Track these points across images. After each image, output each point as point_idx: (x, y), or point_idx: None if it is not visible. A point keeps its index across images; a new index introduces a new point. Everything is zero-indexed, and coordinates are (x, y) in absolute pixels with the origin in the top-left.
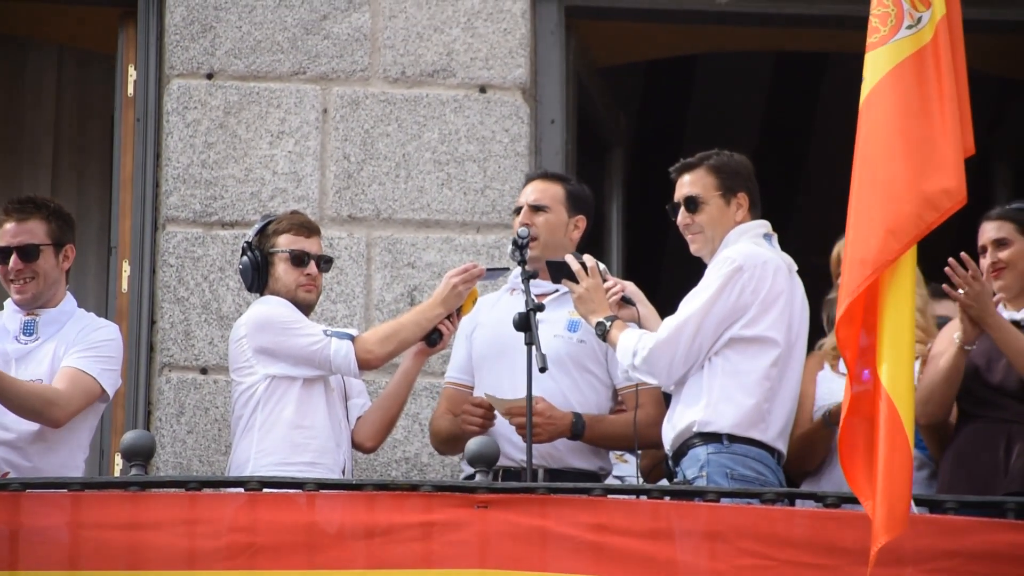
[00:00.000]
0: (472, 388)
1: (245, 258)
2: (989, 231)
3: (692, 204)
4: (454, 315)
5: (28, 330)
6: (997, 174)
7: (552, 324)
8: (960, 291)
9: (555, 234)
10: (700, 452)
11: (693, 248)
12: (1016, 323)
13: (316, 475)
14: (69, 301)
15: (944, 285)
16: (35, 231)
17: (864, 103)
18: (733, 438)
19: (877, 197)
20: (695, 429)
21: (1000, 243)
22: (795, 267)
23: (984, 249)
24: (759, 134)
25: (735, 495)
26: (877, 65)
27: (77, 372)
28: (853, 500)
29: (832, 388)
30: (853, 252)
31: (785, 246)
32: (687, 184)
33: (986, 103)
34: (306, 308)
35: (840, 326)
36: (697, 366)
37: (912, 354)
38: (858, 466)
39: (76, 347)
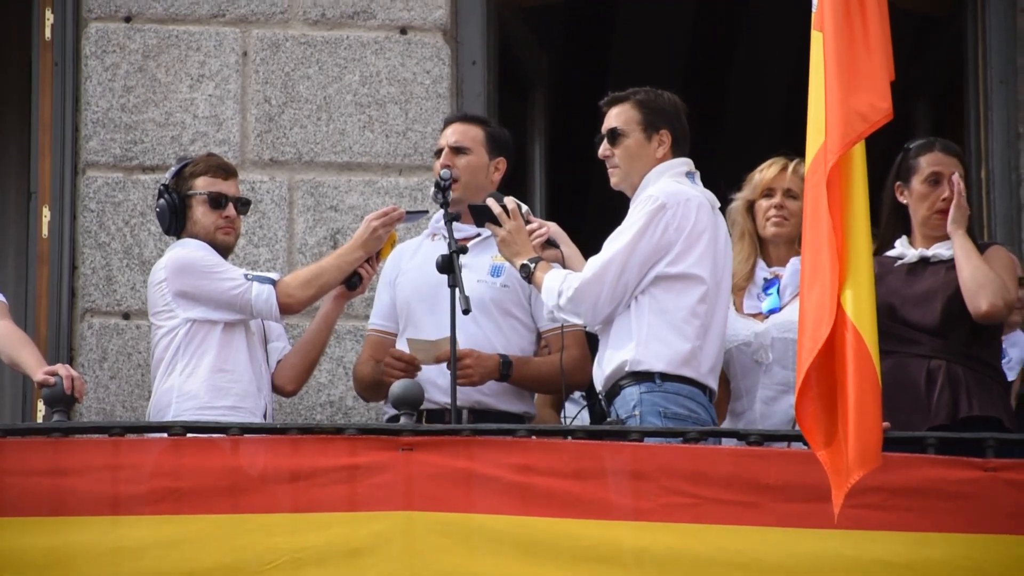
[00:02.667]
0: (395, 334)
1: (162, 201)
2: (944, 163)
3: (613, 136)
4: (374, 258)
5: None
6: (916, 111)
7: (475, 269)
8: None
9: (476, 176)
10: (633, 392)
11: (612, 181)
12: (926, 259)
13: (238, 419)
14: None
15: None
16: None
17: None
18: (665, 376)
19: (819, 115)
20: (627, 369)
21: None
22: (717, 204)
23: (939, 176)
24: (681, 73)
25: (659, 434)
26: None
27: None
28: (775, 438)
29: (738, 328)
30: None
31: (707, 184)
32: (612, 117)
33: (904, 40)
34: (224, 251)
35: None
36: (623, 305)
37: (872, 282)
38: (813, 413)
39: None
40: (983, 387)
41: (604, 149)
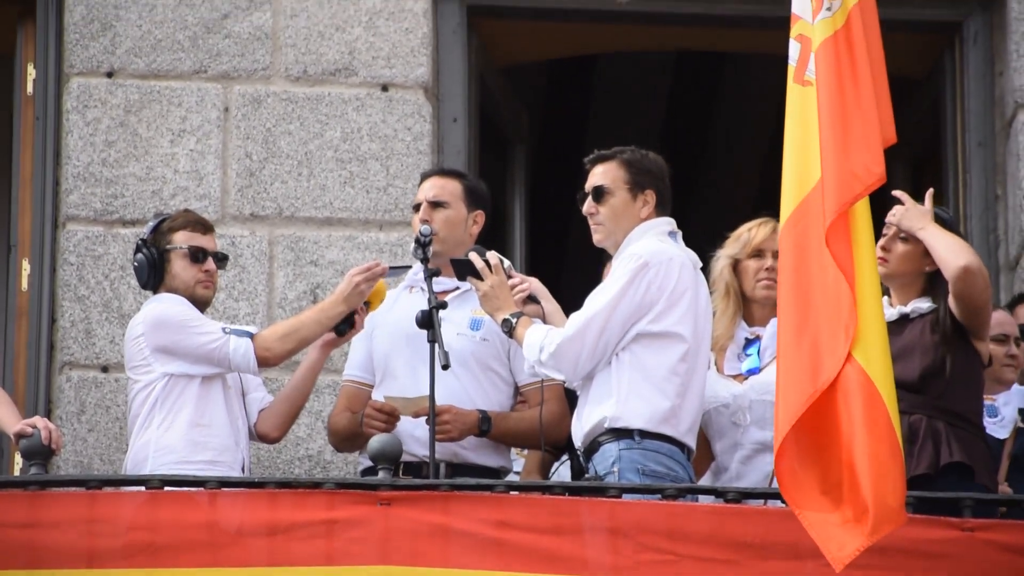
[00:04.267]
0: (371, 386)
1: (140, 255)
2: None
3: (598, 194)
4: (362, 309)
5: None
6: (896, 173)
7: (455, 322)
8: (894, 216)
9: (455, 230)
10: (611, 448)
11: (596, 238)
12: (906, 316)
13: (216, 473)
14: None
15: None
16: None
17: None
18: (644, 434)
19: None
20: (606, 425)
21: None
22: (699, 264)
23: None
24: (659, 133)
25: (636, 491)
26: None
27: None
28: (753, 496)
29: (717, 390)
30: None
31: (686, 243)
32: (598, 174)
33: None
34: (203, 304)
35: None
36: (604, 362)
37: (885, 336)
38: (793, 470)
39: None
40: (962, 441)
41: (589, 206)
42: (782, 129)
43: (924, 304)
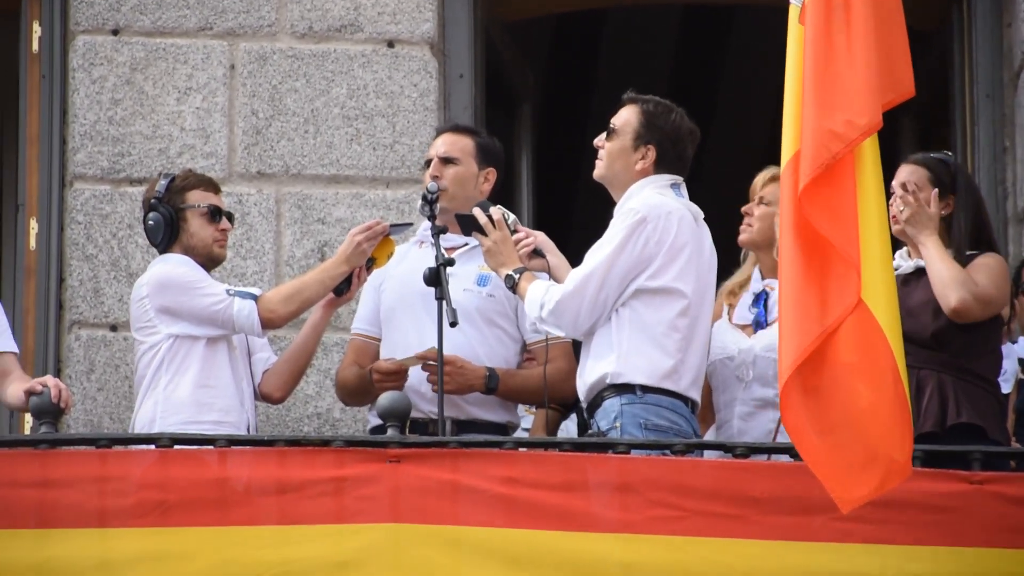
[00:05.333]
0: (379, 340)
1: (156, 214)
2: (902, 174)
3: (609, 131)
4: (362, 268)
5: None
6: (902, 125)
7: (461, 278)
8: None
9: (464, 187)
10: (614, 403)
11: (595, 171)
12: (922, 269)
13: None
14: None
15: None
16: None
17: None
18: (646, 388)
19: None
20: (608, 381)
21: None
22: (701, 215)
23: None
24: (667, 88)
25: (645, 446)
26: None
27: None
28: (761, 450)
29: (726, 339)
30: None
31: (693, 198)
32: (620, 113)
33: None
34: (216, 264)
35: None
36: (604, 318)
37: (893, 283)
38: (802, 420)
39: None
40: (972, 397)
41: (599, 139)
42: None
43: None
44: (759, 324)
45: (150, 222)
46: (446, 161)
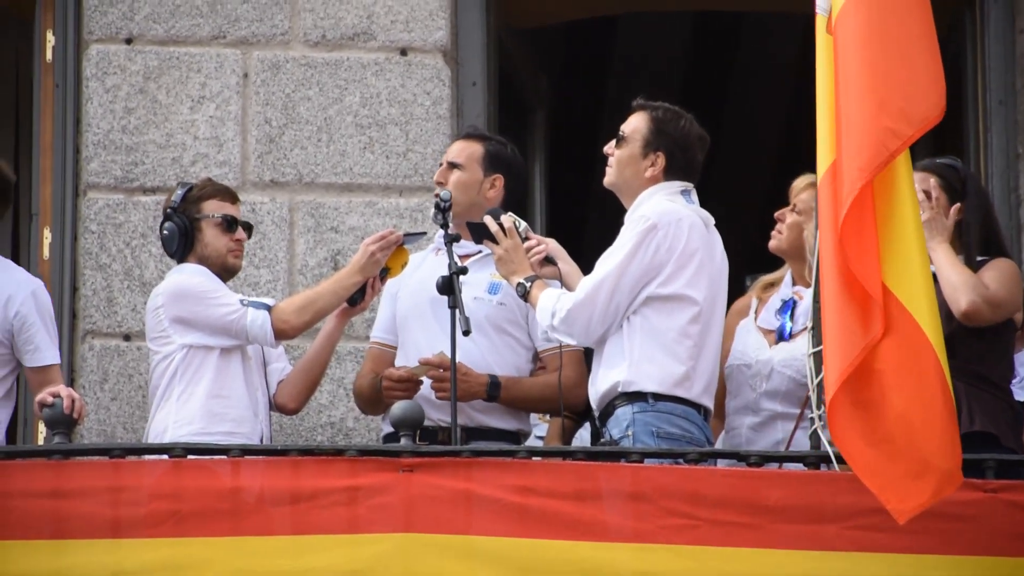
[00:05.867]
0: (395, 348)
1: (170, 224)
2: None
3: (619, 139)
4: (376, 278)
5: None
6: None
7: (473, 286)
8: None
9: (466, 192)
10: (625, 412)
11: (605, 179)
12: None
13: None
14: None
15: None
16: None
17: (835, 33)
18: (658, 396)
19: (850, 129)
20: (620, 389)
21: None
22: (712, 221)
23: None
24: (680, 95)
25: (659, 455)
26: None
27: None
28: (775, 459)
29: (748, 343)
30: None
31: (703, 204)
32: (629, 120)
33: None
34: (232, 274)
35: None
36: (616, 325)
37: (932, 291)
38: (861, 447)
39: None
40: (985, 405)
41: (609, 147)
42: (801, 89)
43: None
44: (782, 335)
45: (165, 232)
46: (452, 166)
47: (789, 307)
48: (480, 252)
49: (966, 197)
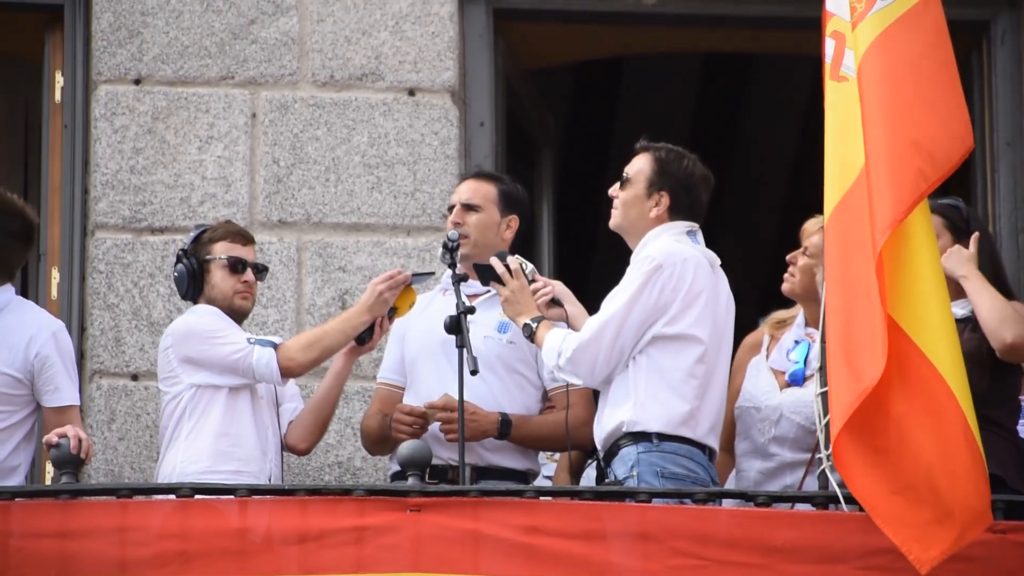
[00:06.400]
0: (404, 388)
1: (180, 266)
2: None
3: (623, 180)
4: (384, 317)
5: None
6: None
7: (482, 325)
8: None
9: (486, 234)
10: (630, 451)
11: (611, 221)
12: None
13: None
14: (2, 292)
15: None
16: None
17: (859, 77)
18: (663, 436)
19: (880, 167)
20: (624, 429)
21: None
22: (718, 262)
23: None
24: (687, 136)
25: (667, 495)
26: (860, 41)
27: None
28: (783, 499)
29: (759, 384)
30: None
31: (711, 245)
32: (633, 162)
33: None
34: (241, 316)
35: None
36: (622, 365)
37: (954, 332)
38: (866, 480)
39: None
40: (991, 446)
41: (614, 189)
42: (809, 131)
43: (959, 309)
44: (796, 379)
45: (175, 273)
46: (468, 208)
47: (802, 349)
48: (488, 292)
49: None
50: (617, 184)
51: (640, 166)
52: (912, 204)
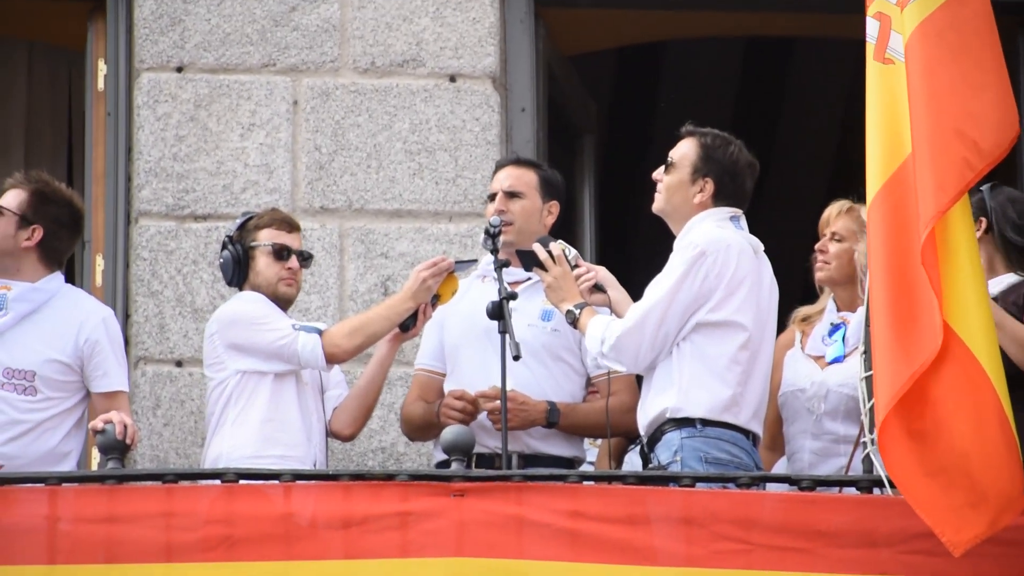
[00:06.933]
0: (443, 375)
1: (226, 252)
2: None
3: (667, 165)
4: (428, 304)
5: None
6: None
7: (525, 313)
8: None
9: (530, 220)
10: (674, 437)
11: (654, 205)
12: None
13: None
14: (51, 280)
15: None
16: (10, 197)
17: (906, 63)
18: (706, 422)
19: (924, 154)
20: (668, 415)
21: None
22: (761, 247)
23: None
24: (729, 120)
25: (710, 479)
26: (907, 24)
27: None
28: (828, 483)
29: (798, 370)
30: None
31: (754, 230)
32: (678, 146)
33: None
34: (286, 302)
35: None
36: (665, 352)
37: (990, 317)
38: (904, 462)
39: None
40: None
41: (658, 173)
42: (852, 115)
43: (995, 287)
44: (836, 360)
45: (221, 260)
46: (511, 195)
47: (840, 328)
48: (529, 279)
49: (987, 213)
50: (661, 168)
51: (685, 151)
52: (957, 195)
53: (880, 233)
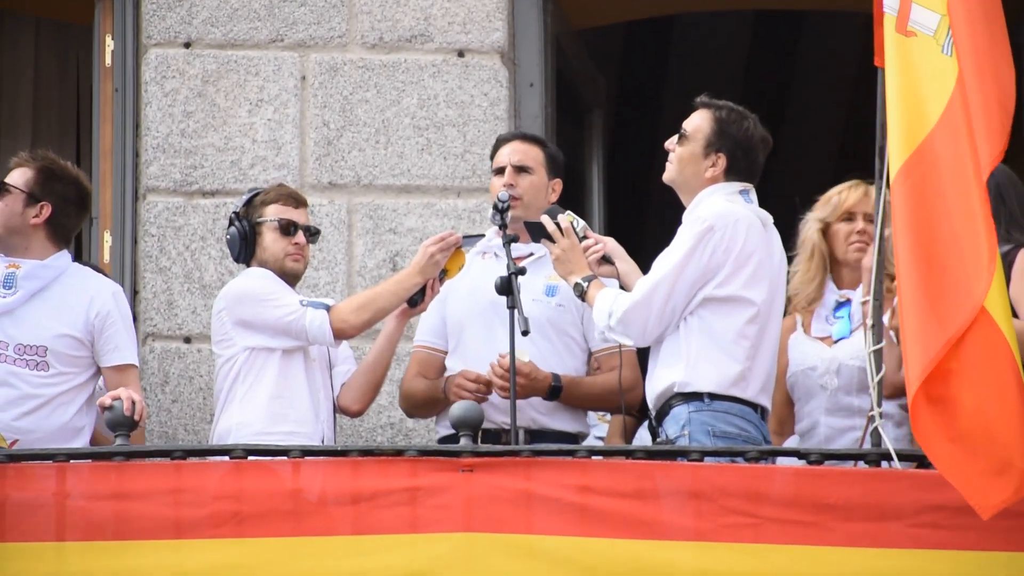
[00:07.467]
0: (444, 352)
1: (233, 228)
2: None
3: (681, 135)
4: (436, 279)
5: (7, 283)
6: None
7: (529, 289)
8: None
9: (537, 196)
10: (681, 411)
11: (664, 174)
12: None
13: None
14: (60, 258)
15: None
16: (17, 175)
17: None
18: (714, 396)
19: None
20: (676, 390)
21: None
22: (771, 220)
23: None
24: (738, 95)
25: (719, 454)
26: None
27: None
28: (836, 457)
29: (806, 351)
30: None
31: (763, 203)
32: (692, 117)
33: None
34: (293, 278)
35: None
36: (673, 326)
37: (1005, 288)
38: (941, 443)
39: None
40: None
41: (670, 142)
42: (862, 87)
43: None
44: (843, 336)
45: (228, 236)
46: (520, 170)
47: (846, 306)
48: (532, 255)
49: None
50: (675, 137)
51: (699, 123)
52: (998, 157)
53: (905, 207)
